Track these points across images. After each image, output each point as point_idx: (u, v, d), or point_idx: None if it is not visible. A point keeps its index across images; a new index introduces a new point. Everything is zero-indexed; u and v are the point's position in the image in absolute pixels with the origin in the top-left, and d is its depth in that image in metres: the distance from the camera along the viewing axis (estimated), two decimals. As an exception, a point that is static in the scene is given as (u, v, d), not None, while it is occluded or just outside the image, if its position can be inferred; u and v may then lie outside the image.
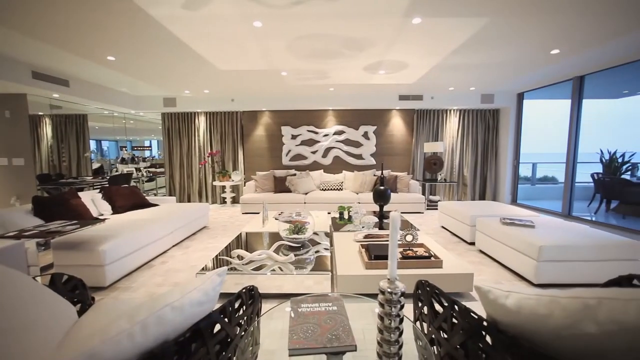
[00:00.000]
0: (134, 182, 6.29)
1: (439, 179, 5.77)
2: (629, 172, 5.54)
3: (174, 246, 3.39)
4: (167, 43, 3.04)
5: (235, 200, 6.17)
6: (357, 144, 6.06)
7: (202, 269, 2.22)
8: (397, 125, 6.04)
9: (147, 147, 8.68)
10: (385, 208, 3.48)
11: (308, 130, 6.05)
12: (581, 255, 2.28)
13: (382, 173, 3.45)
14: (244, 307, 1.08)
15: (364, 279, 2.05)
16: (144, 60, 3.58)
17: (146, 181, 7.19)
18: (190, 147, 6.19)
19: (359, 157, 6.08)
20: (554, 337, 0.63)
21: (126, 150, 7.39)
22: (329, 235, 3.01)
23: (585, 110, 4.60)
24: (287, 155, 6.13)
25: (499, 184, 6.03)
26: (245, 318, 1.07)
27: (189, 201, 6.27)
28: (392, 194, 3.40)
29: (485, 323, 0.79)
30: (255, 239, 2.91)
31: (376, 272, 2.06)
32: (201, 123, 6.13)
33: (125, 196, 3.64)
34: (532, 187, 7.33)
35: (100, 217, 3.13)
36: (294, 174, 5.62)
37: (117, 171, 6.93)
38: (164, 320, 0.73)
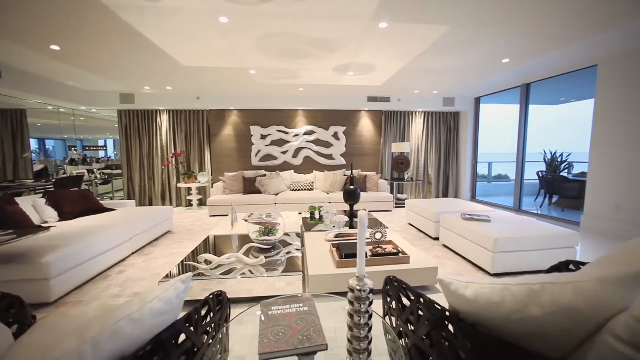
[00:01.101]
0: (86, 185, 5.74)
1: (406, 178, 6.03)
2: (566, 170, 6.29)
3: (133, 253, 3.15)
4: (124, 35, 2.82)
5: (202, 203, 5.90)
6: (328, 144, 6.11)
7: (166, 276, 2.09)
8: (366, 126, 6.20)
9: (101, 147, 7.96)
10: (356, 207, 3.56)
11: (278, 131, 5.98)
12: (529, 246, 2.51)
13: (352, 173, 3.51)
14: (212, 314, 1.04)
15: (335, 277, 2.07)
16: (96, 51, 3.28)
17: (100, 184, 6.60)
18: (152, 147, 5.80)
19: (330, 157, 6.15)
20: (505, 322, 0.69)
21: (76, 150, 6.71)
22: (300, 235, 3.00)
23: (532, 114, 5.10)
24: (256, 155, 6.00)
25: (460, 182, 6.46)
26: (213, 325, 1.03)
27: (150, 205, 5.87)
28: (361, 194, 3.50)
29: (447, 313, 0.84)
30: (224, 242, 2.80)
31: (347, 271, 2.09)
32: (164, 121, 5.77)
33: (75, 201, 3.31)
34: (489, 185, 7.96)
35: (44, 225, 2.81)
36: (264, 175, 5.51)
37: (64, 173, 6.28)
38: (121, 335, 0.67)
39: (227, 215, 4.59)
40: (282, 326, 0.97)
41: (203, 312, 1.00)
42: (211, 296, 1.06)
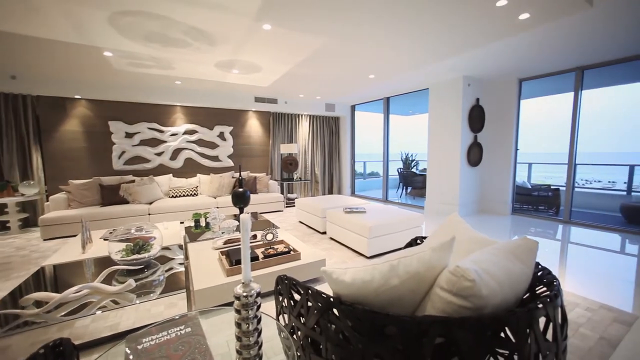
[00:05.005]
0: None
1: (295, 178, 6.31)
2: (415, 167, 8.20)
3: None
4: None
5: (28, 224, 4.31)
6: (213, 145, 5.65)
7: (-43, 338, 1.40)
8: (254, 127, 6.09)
9: None
10: (247, 210, 3.44)
11: (150, 128, 5.06)
12: (393, 229, 3.10)
13: (240, 175, 3.38)
14: (44, 374, 0.76)
15: (226, 287, 1.93)
16: None
17: None
18: None
19: (215, 158, 5.71)
20: (375, 295, 0.82)
21: None
22: (183, 247, 2.64)
23: (392, 122, 6.34)
24: (120, 157, 4.88)
25: (342, 180, 7.30)
26: (47, 389, 0.75)
27: None
28: (252, 195, 3.41)
29: (332, 299, 0.92)
30: (71, 271, 2.13)
31: (239, 277, 1.99)
32: (-54, 108, 3.86)
33: None
34: (365, 181, 9.38)
35: None
36: (132, 181, 4.57)
37: None
38: None
39: (75, 236, 3.54)
40: (156, 358, 0.82)
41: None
42: (42, 350, 0.78)
